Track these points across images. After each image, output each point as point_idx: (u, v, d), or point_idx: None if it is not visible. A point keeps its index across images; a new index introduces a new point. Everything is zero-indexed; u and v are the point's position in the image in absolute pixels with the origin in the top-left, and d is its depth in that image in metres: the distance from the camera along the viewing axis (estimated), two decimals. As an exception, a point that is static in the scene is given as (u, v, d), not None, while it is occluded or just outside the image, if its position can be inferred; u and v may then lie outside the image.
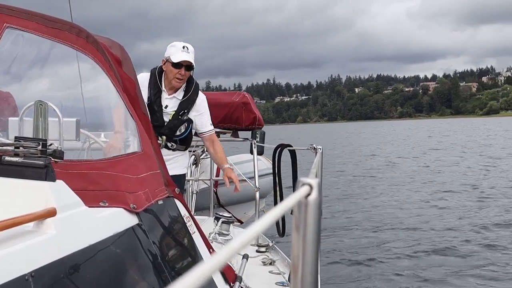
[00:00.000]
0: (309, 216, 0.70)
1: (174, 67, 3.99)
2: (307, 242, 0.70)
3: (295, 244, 0.70)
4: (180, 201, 2.57)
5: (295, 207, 0.70)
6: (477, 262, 7.63)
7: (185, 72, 4.01)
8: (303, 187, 0.70)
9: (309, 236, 0.70)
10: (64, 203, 1.56)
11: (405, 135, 58.67)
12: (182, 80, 4.06)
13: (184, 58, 3.97)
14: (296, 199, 0.68)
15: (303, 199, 0.70)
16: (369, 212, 11.76)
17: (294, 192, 0.70)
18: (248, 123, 5.96)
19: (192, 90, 4.14)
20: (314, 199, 0.70)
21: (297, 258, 0.70)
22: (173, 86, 4.09)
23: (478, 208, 11.81)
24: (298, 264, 0.69)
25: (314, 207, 0.70)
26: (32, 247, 1.36)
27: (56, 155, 1.66)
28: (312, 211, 0.70)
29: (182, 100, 4.11)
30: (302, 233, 0.70)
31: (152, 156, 2.41)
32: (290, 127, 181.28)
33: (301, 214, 0.70)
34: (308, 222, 0.70)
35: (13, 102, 2.32)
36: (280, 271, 3.84)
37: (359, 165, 24.11)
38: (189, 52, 4.00)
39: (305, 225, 0.70)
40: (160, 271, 2.00)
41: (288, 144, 3.88)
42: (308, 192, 0.69)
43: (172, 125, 4.08)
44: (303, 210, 0.70)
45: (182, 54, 3.98)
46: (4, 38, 2.03)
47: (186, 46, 4.03)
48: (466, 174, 18.88)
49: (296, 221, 0.71)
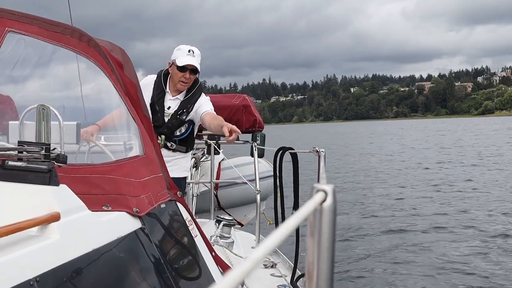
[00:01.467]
0: (324, 223, 0.69)
1: (179, 70, 4.03)
2: (322, 249, 0.69)
3: (310, 251, 0.70)
4: (182, 204, 2.57)
5: (309, 214, 0.69)
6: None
7: (190, 76, 4.04)
8: (317, 193, 0.69)
9: (324, 243, 0.69)
10: (68, 207, 1.56)
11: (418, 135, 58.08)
12: (187, 84, 4.09)
13: (188, 62, 3.99)
14: (312, 206, 0.68)
15: (318, 206, 0.69)
16: (380, 215, 11.72)
17: (309, 198, 0.69)
18: (248, 126, 5.97)
19: (195, 89, 4.16)
20: (329, 205, 0.70)
21: (312, 265, 0.69)
22: (178, 89, 4.12)
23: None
24: (313, 271, 0.69)
25: (330, 213, 0.70)
26: (36, 252, 1.35)
27: (60, 160, 1.66)
28: (327, 218, 0.69)
29: (184, 100, 4.13)
30: (317, 240, 0.69)
31: (154, 159, 2.41)
32: (286, 126, 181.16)
33: (316, 221, 0.70)
34: (323, 229, 0.69)
35: (13, 106, 2.31)
36: (282, 274, 3.83)
37: (360, 165, 24.19)
38: (194, 56, 4.03)
39: (320, 232, 0.69)
40: (163, 275, 2.00)
41: (289, 147, 3.87)
42: (323, 198, 0.69)
43: (170, 124, 4.09)
44: (318, 217, 0.70)
45: (187, 58, 4.00)
46: (6, 43, 2.03)
47: (192, 49, 4.05)
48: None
49: (311, 227, 0.70)
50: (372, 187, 16.40)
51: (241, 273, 0.46)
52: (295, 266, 3.74)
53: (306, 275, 0.72)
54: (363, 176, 19.23)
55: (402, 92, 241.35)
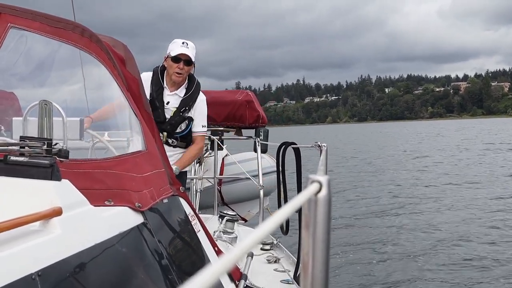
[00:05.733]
0: (319, 213, 0.70)
1: (173, 61, 4.09)
2: (317, 240, 0.69)
3: (305, 242, 0.70)
4: (184, 199, 2.57)
5: (304, 204, 0.69)
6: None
7: (184, 67, 4.10)
8: (312, 184, 0.69)
9: (319, 234, 0.69)
10: (70, 202, 1.56)
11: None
12: (181, 75, 4.13)
13: (182, 51, 4.07)
14: (306, 196, 0.68)
15: (313, 197, 0.69)
16: (382, 211, 11.68)
17: (304, 189, 0.70)
18: (251, 121, 5.98)
19: (194, 87, 4.23)
20: (324, 196, 0.70)
21: (307, 256, 0.69)
22: (174, 81, 4.16)
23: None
24: (308, 262, 0.69)
25: (324, 204, 0.70)
26: (38, 247, 1.36)
27: (62, 155, 1.66)
28: (322, 209, 0.70)
29: (184, 97, 4.19)
30: (312, 231, 0.69)
31: (156, 154, 2.41)
32: (320, 127, 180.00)
33: (311, 211, 0.70)
34: (318, 220, 0.69)
35: (16, 102, 2.32)
36: (285, 269, 3.83)
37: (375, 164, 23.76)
38: (188, 48, 4.11)
39: (315, 223, 0.69)
40: (165, 270, 2.00)
41: (292, 142, 3.88)
42: (317, 189, 0.69)
43: (173, 121, 4.15)
44: (312, 208, 0.70)
45: (181, 49, 4.08)
46: (8, 38, 2.03)
47: (186, 42, 4.14)
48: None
49: (306, 218, 0.71)
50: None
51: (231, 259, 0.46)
52: (298, 261, 3.74)
53: (301, 266, 0.72)
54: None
55: (437, 92, 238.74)
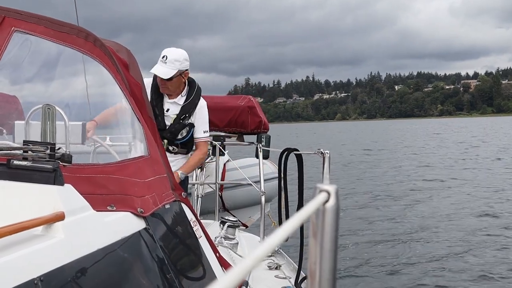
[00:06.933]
0: (327, 223, 0.69)
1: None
2: (325, 250, 0.69)
3: (313, 251, 0.69)
4: (186, 205, 2.57)
5: (312, 214, 0.69)
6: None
7: (166, 82, 3.99)
8: (320, 193, 0.69)
9: (326, 244, 0.69)
10: (72, 207, 1.56)
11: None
12: (166, 89, 4.05)
13: (156, 71, 3.93)
14: (314, 206, 0.67)
15: (321, 206, 0.69)
16: (392, 219, 11.55)
17: (312, 198, 0.69)
18: (253, 127, 5.96)
19: (194, 94, 4.15)
20: (332, 206, 0.69)
21: (314, 265, 0.69)
22: (162, 91, 4.09)
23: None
24: (316, 271, 0.68)
25: (332, 214, 0.69)
26: (41, 251, 1.35)
27: (65, 159, 1.66)
28: (330, 218, 0.69)
29: (184, 104, 4.12)
30: (320, 240, 0.69)
31: (159, 160, 2.41)
32: (329, 124, 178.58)
33: (319, 221, 0.69)
34: (326, 229, 0.69)
35: (19, 106, 2.32)
36: (286, 276, 3.82)
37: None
38: (166, 62, 3.92)
39: (323, 232, 0.69)
40: (167, 275, 2.00)
41: (294, 148, 3.87)
42: (326, 199, 0.69)
43: (173, 129, 4.09)
44: (320, 217, 0.69)
45: (157, 67, 3.95)
46: (12, 42, 2.03)
47: (166, 55, 3.94)
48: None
49: (313, 227, 0.70)
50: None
51: (243, 270, 0.46)
52: (300, 267, 3.73)
53: (309, 276, 0.71)
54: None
55: (447, 90, 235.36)
